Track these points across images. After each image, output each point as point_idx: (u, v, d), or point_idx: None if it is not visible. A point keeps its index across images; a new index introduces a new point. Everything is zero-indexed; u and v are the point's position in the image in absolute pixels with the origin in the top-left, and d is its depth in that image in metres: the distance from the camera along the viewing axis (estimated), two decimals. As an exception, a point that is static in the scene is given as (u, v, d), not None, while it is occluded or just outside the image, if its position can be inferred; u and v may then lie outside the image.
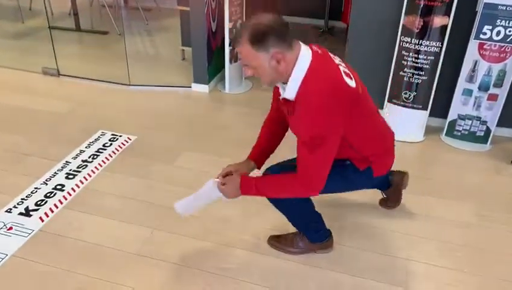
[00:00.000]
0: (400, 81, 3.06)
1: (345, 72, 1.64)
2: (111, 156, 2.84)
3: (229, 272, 2.02)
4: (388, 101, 3.16)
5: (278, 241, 2.14)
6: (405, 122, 3.14)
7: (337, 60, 1.71)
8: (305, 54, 1.59)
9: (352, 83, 1.64)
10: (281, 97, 1.69)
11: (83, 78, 3.94)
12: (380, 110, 1.92)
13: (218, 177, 1.87)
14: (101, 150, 2.90)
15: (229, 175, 1.85)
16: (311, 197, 1.97)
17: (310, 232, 2.09)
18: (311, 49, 1.64)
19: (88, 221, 2.30)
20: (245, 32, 1.53)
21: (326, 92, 1.55)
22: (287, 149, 1.96)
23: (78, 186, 2.55)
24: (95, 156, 2.83)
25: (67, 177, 2.62)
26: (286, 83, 1.62)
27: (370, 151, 1.82)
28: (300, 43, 1.63)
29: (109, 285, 1.93)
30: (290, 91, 1.60)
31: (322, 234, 2.11)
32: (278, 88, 1.75)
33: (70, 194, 2.49)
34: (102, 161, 2.79)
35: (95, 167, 2.72)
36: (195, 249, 2.14)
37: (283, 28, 1.55)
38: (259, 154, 1.97)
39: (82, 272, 1.99)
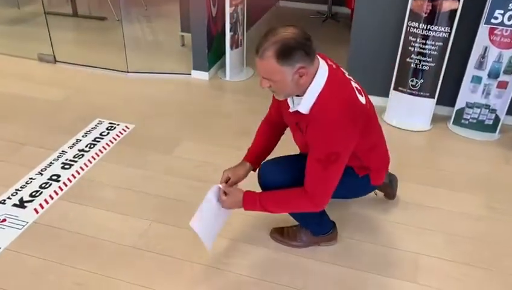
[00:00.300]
0: (406, 68, 2.95)
1: (356, 89, 1.65)
2: (108, 146, 2.76)
3: (230, 266, 1.95)
4: (394, 89, 3.06)
5: (280, 235, 2.07)
6: (411, 111, 3.04)
7: (346, 74, 1.70)
8: (322, 68, 1.58)
9: (363, 100, 1.65)
10: (291, 110, 1.66)
11: (79, 65, 3.84)
12: (385, 98, 1.85)
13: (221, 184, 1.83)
14: (98, 139, 2.82)
15: (227, 181, 1.85)
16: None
17: (312, 225, 2.02)
18: (327, 62, 1.62)
19: (84, 213, 2.22)
20: (272, 47, 1.46)
21: (343, 108, 1.55)
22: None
23: (74, 177, 2.47)
24: (92, 146, 2.75)
25: (63, 167, 2.54)
26: (299, 96, 1.60)
27: (372, 163, 1.83)
28: (318, 57, 1.59)
29: (105, 280, 1.87)
30: (305, 104, 1.58)
31: (326, 226, 2.05)
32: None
33: (66, 185, 2.41)
34: (99, 150, 2.71)
35: (92, 157, 2.64)
36: (195, 243, 2.06)
37: (309, 43, 1.50)
38: (256, 156, 1.93)
39: (77, 266, 1.92)
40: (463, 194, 2.43)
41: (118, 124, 2.99)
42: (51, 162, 2.59)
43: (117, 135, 2.86)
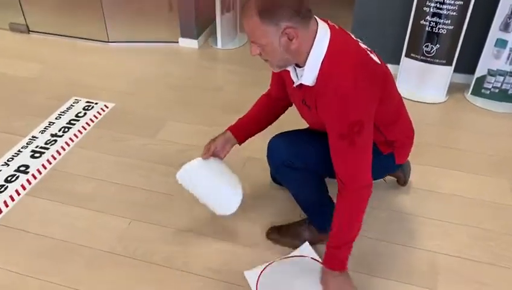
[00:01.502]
0: (420, 31, 2.59)
1: (367, 50, 1.43)
2: (84, 129, 2.45)
3: (221, 275, 1.68)
4: (406, 56, 2.72)
5: (279, 234, 1.80)
6: (425, 80, 2.71)
7: (352, 36, 1.45)
8: (322, 30, 1.34)
9: (377, 59, 1.43)
10: (295, 84, 1.44)
11: (55, 34, 3.47)
12: (395, 66, 1.62)
13: (203, 157, 1.66)
14: (73, 122, 2.50)
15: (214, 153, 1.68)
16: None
17: (319, 217, 1.75)
18: (328, 24, 1.38)
19: (54, 211, 1.94)
20: (255, 3, 1.27)
21: (355, 70, 1.31)
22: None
23: (45, 167, 2.18)
24: (66, 129, 2.44)
25: (32, 156, 2.25)
26: (300, 67, 1.39)
27: (396, 135, 1.60)
28: (317, 19, 1.36)
29: (77, 294, 1.61)
30: (308, 75, 1.36)
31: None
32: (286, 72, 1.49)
33: (35, 177, 2.12)
34: (74, 134, 2.40)
35: (66, 143, 2.34)
36: (181, 245, 1.80)
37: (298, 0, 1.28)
38: (243, 130, 1.72)
39: (44, 277, 1.66)
40: (485, 178, 2.13)
41: (96, 103, 2.66)
42: (19, 150, 2.29)
43: (95, 116, 2.55)
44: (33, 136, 2.39)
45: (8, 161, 2.22)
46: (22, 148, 2.30)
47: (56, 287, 1.63)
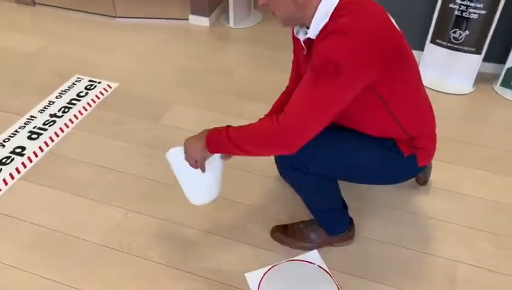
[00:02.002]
0: (448, 15, 2.38)
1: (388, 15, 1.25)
2: (85, 110, 2.33)
3: (221, 276, 1.56)
4: (431, 42, 2.51)
5: (284, 233, 1.66)
6: (451, 69, 2.51)
7: None
8: None
9: (397, 26, 1.25)
10: (302, 39, 1.28)
11: (61, 8, 3.32)
12: (418, 52, 1.45)
13: None
14: (74, 101, 2.38)
15: None
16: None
17: (329, 221, 1.62)
18: None
19: (49, 198, 1.84)
20: None
21: (363, 20, 1.14)
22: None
23: (42, 150, 2.07)
24: (66, 110, 2.32)
25: (29, 137, 2.14)
26: (309, 28, 1.23)
27: (417, 129, 1.40)
28: None
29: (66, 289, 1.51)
30: (314, 27, 1.20)
31: (343, 224, 1.64)
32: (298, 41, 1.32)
33: (31, 161, 2.01)
34: (74, 115, 2.28)
35: (65, 124, 2.22)
36: (180, 241, 1.68)
37: None
38: None
39: (31, 269, 1.56)
40: (514, 180, 1.97)
41: (99, 82, 2.53)
42: (16, 131, 2.18)
43: (97, 96, 2.42)
44: (32, 116, 2.27)
45: (4, 141, 2.12)
46: (19, 128, 2.20)
47: (42, 281, 1.53)
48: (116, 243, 1.67)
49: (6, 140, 2.12)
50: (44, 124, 2.22)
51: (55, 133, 2.16)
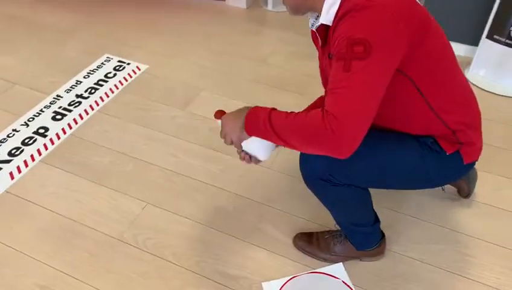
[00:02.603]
0: (508, 9, 2.14)
1: None
2: (112, 92, 2.25)
3: (236, 283, 1.46)
4: (487, 37, 2.27)
5: (307, 243, 1.54)
6: (506, 68, 2.27)
7: None
8: None
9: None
10: (314, 27, 1.16)
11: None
12: (472, 48, 1.27)
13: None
14: (101, 82, 2.31)
15: None
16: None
17: (357, 236, 1.48)
18: None
19: (67, 184, 1.78)
20: None
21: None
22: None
23: (65, 132, 2.02)
24: (93, 90, 2.26)
25: (54, 118, 2.09)
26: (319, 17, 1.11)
27: (456, 118, 1.20)
28: None
29: (74, 284, 1.45)
30: (326, 13, 1.07)
31: (373, 240, 1.50)
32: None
33: (52, 142, 1.96)
34: (100, 97, 2.21)
35: (90, 106, 2.16)
36: (198, 241, 1.59)
37: None
38: None
39: (42, 257, 1.52)
40: None
41: (128, 64, 2.45)
42: (41, 110, 2.14)
43: (124, 78, 2.34)
44: (58, 95, 2.22)
45: (28, 120, 2.07)
46: (44, 107, 2.15)
47: (49, 271, 1.48)
48: (130, 237, 1.59)
49: (31, 119, 2.08)
50: (69, 104, 2.16)
51: (80, 115, 2.10)
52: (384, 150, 1.21)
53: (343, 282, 1.45)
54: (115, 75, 2.36)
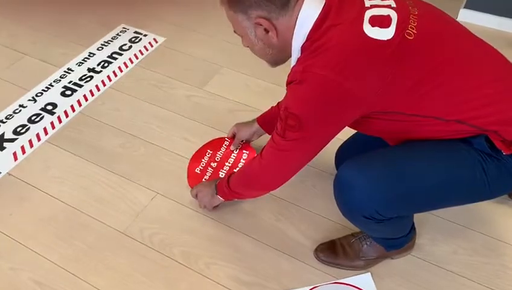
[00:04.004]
0: None
1: (375, 18, 0.97)
2: (126, 66, 2.09)
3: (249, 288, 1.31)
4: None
5: (333, 254, 1.35)
6: None
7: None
8: (308, 11, 0.99)
9: (384, 33, 0.95)
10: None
11: None
12: None
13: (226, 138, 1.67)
14: (115, 55, 2.15)
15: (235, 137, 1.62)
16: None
17: (389, 241, 1.31)
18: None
19: (73, 169, 1.65)
20: None
21: (328, 68, 0.95)
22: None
23: (74, 110, 1.87)
24: (106, 64, 2.09)
25: (63, 94, 1.95)
26: None
27: (486, 119, 1.02)
28: None
29: (70, 279, 1.33)
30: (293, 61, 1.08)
31: (405, 241, 1.33)
32: None
33: (60, 121, 1.83)
34: (114, 72, 2.05)
35: (102, 82, 2.00)
36: (211, 239, 1.43)
37: None
38: (270, 117, 1.51)
39: (40, 249, 1.40)
40: None
41: (144, 35, 2.27)
42: (50, 84, 1.99)
43: (140, 52, 2.17)
44: (69, 68, 2.07)
45: (36, 95, 1.94)
46: (54, 81, 2.00)
47: (45, 264, 1.37)
48: (136, 231, 1.45)
49: (39, 94, 1.94)
50: (80, 79, 2.01)
51: (90, 91, 1.95)
52: (437, 169, 1.04)
53: (370, 296, 1.28)
54: (130, 47, 2.19)
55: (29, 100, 1.91)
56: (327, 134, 1.06)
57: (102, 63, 2.09)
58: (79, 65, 2.09)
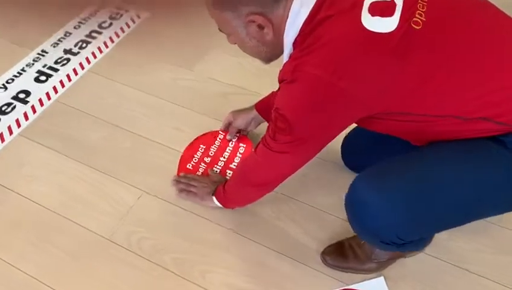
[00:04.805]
0: None
1: (376, 4, 0.86)
2: (106, 46, 1.89)
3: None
4: None
5: (343, 257, 1.22)
6: None
7: None
8: (302, 0, 0.90)
9: (386, 23, 0.85)
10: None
11: None
12: None
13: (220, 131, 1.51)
14: (94, 34, 1.95)
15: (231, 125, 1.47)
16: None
17: (408, 246, 1.17)
18: None
19: (50, 165, 1.48)
20: None
21: (323, 67, 0.86)
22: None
23: (49, 98, 1.69)
24: (84, 45, 1.90)
25: (37, 79, 1.76)
26: None
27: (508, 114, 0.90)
28: None
29: (51, 295, 1.19)
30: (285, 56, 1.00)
31: (424, 242, 1.20)
32: None
33: (34, 111, 1.65)
34: (92, 53, 1.86)
35: (80, 65, 1.81)
36: (204, 244, 1.29)
37: None
38: (267, 105, 1.34)
39: (12, 260, 1.24)
40: None
41: (126, 11, 2.06)
42: (22, 69, 1.80)
43: (121, 29, 1.97)
44: (43, 50, 1.88)
45: (7, 82, 1.75)
46: (26, 66, 1.81)
47: (16, 275, 1.22)
48: (122, 236, 1.30)
49: (10, 81, 1.75)
50: (56, 62, 1.82)
51: (68, 76, 1.76)
52: (466, 181, 0.91)
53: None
54: (110, 24, 1.99)
55: (0, 88, 1.73)
56: (322, 137, 0.99)
57: (80, 44, 1.90)
58: (54, 46, 1.89)
